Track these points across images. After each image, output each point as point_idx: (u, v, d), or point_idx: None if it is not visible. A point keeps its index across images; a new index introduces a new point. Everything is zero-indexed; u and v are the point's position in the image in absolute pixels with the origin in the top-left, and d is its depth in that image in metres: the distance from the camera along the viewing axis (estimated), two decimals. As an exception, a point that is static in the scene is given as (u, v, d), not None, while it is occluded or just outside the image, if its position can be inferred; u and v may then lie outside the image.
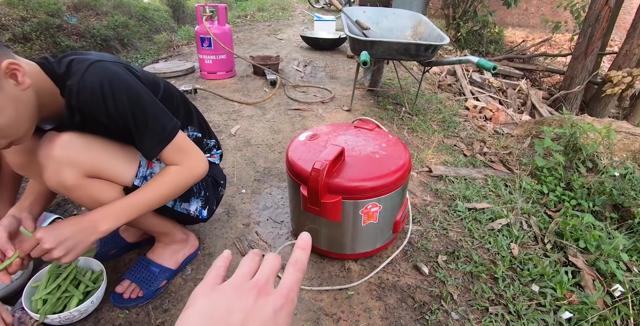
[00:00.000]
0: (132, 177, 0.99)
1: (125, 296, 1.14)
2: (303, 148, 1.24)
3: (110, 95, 0.83)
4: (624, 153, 2.19)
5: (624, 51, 4.10)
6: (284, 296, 0.34)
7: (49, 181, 0.88)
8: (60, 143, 0.87)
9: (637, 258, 1.46)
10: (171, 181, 0.96)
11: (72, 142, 0.88)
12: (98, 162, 0.93)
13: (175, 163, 0.97)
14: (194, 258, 1.30)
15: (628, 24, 4.35)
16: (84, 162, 0.90)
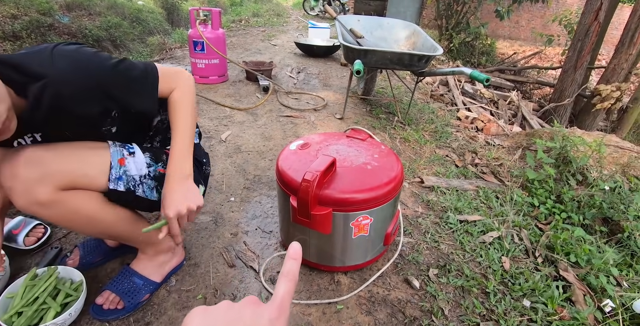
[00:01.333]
0: (106, 180, 0.92)
1: (105, 307, 1.08)
2: (294, 158, 1.21)
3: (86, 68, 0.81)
4: (613, 166, 2.21)
5: (612, 65, 4.19)
6: (278, 307, 0.34)
7: (20, 202, 0.81)
8: (25, 159, 0.80)
9: (627, 273, 1.45)
10: (185, 101, 1.01)
11: (38, 155, 0.82)
12: (70, 171, 0.86)
13: (170, 89, 1.00)
14: (179, 269, 1.26)
15: (616, 39, 4.45)
16: (56, 174, 0.83)
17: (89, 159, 0.91)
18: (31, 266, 1.25)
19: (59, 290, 1.08)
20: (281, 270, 0.37)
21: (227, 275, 1.26)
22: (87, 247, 1.27)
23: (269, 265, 1.31)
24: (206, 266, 1.29)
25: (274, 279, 1.25)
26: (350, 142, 1.34)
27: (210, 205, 1.62)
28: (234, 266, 1.30)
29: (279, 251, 1.37)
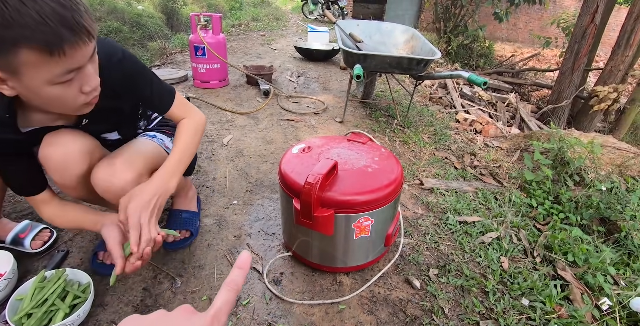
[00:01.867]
0: (166, 154, 1.21)
1: (178, 239, 1.37)
2: (296, 161, 1.24)
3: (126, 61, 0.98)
4: (609, 167, 2.24)
5: (609, 67, 4.23)
6: (212, 316, 0.34)
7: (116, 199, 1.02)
8: (122, 163, 1.03)
9: (623, 272, 1.48)
10: (190, 130, 1.15)
11: (129, 159, 1.05)
12: (148, 160, 1.13)
13: (183, 117, 1.16)
14: (200, 202, 1.59)
15: (613, 40, 4.50)
16: (143, 168, 1.09)
17: (156, 156, 1.17)
18: (38, 269, 1.27)
19: (67, 291, 1.10)
20: (226, 278, 0.37)
21: (231, 277, 1.28)
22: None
23: (272, 267, 1.34)
24: (210, 268, 1.32)
25: (277, 280, 1.28)
26: (351, 145, 1.36)
27: (213, 208, 1.64)
28: (238, 268, 1.32)
29: (282, 253, 1.40)
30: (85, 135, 1.04)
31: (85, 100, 0.83)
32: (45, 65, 0.70)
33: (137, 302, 1.17)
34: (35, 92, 0.76)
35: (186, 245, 1.40)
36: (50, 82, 0.74)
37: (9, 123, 0.89)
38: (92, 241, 1.41)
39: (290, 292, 1.23)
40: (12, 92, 0.76)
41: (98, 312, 1.13)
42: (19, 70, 0.69)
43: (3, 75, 0.71)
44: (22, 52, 0.66)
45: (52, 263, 1.28)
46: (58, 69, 0.72)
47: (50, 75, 0.72)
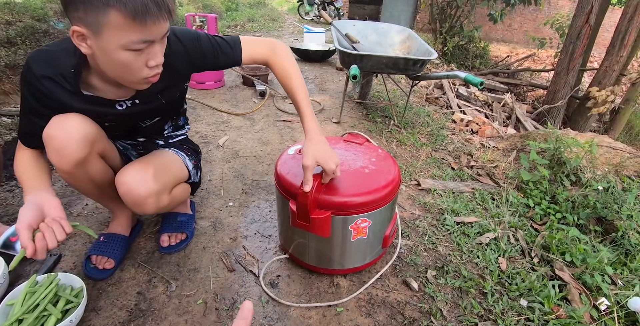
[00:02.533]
0: (187, 173, 1.30)
1: (173, 243, 1.38)
2: (292, 162, 1.23)
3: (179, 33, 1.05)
4: (606, 167, 2.24)
5: (604, 68, 4.26)
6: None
7: (150, 211, 1.11)
8: (153, 175, 1.09)
9: (621, 271, 1.48)
10: (291, 65, 1.16)
11: (150, 173, 1.09)
12: (173, 176, 1.21)
13: (264, 54, 1.15)
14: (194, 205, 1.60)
15: (607, 41, 4.52)
16: (167, 183, 1.16)
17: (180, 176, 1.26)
18: (30, 273, 1.25)
19: (60, 296, 1.08)
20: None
21: (227, 280, 1.27)
22: (108, 247, 1.29)
23: (268, 269, 1.32)
24: (206, 271, 1.30)
25: (273, 283, 1.26)
26: (348, 146, 1.35)
27: (209, 210, 1.63)
28: (234, 271, 1.31)
29: (278, 255, 1.38)
30: (92, 124, 1.03)
31: (148, 74, 0.89)
32: (126, 30, 0.77)
33: (131, 306, 1.15)
34: (108, 54, 0.82)
35: (181, 248, 1.38)
36: (124, 47, 0.80)
37: (72, 79, 0.93)
38: (85, 244, 1.39)
39: (287, 295, 1.22)
40: (89, 51, 0.83)
41: (91, 317, 1.11)
42: (102, 29, 0.77)
43: (86, 32, 0.78)
44: (111, 12, 0.74)
45: (44, 268, 1.25)
46: (134, 36, 0.79)
47: (126, 40, 0.79)
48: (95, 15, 0.75)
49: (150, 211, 1.12)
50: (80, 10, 0.75)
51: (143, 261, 1.32)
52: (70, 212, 1.57)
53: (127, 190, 1.06)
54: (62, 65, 0.92)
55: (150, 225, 1.51)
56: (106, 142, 1.13)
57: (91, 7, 0.74)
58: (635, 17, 4.01)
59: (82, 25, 0.77)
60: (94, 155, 1.06)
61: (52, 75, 0.93)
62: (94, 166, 1.08)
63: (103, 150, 1.11)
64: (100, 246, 1.28)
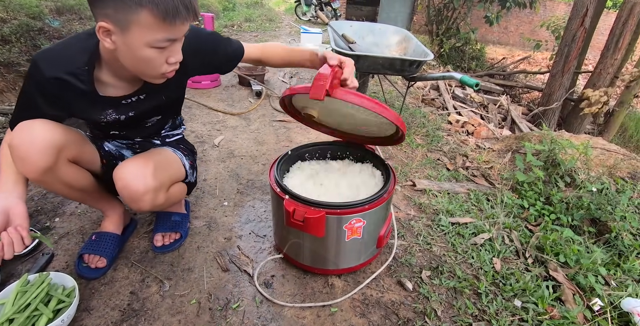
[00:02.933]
0: (184, 172, 1.31)
1: (167, 243, 1.36)
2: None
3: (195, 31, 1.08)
4: (600, 168, 2.26)
5: (598, 70, 4.29)
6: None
7: (146, 208, 1.11)
8: (152, 173, 1.09)
9: (614, 272, 1.48)
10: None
11: (149, 170, 1.09)
12: (171, 175, 1.21)
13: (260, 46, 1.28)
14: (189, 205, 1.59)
15: (602, 43, 4.56)
16: (165, 181, 1.17)
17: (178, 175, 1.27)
18: (22, 272, 1.24)
19: (51, 296, 1.07)
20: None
21: (221, 280, 1.26)
22: (100, 246, 1.27)
23: (262, 269, 1.32)
24: (200, 270, 1.29)
25: (268, 283, 1.26)
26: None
27: (203, 210, 1.62)
28: (228, 271, 1.30)
29: (273, 255, 1.38)
30: (61, 130, 1.00)
31: (166, 70, 0.94)
32: (154, 29, 0.83)
33: (124, 306, 1.14)
34: (133, 50, 0.86)
35: (175, 247, 1.37)
36: (149, 45, 0.86)
37: (85, 76, 0.97)
38: (78, 243, 1.38)
39: (282, 295, 1.21)
40: (112, 46, 0.86)
41: (83, 317, 1.10)
42: (130, 27, 0.82)
43: (113, 28, 0.82)
44: (142, 12, 0.79)
45: (36, 267, 1.24)
46: (161, 35, 0.85)
47: (153, 38, 0.85)
48: (125, 13, 0.80)
49: (146, 208, 1.11)
50: (110, 7, 0.79)
51: (136, 260, 1.31)
52: (63, 211, 1.55)
53: (125, 184, 1.06)
54: (73, 63, 0.95)
55: (144, 225, 1.50)
56: (80, 147, 1.10)
57: (122, 5, 0.78)
58: (629, 21, 4.04)
59: (110, 21, 0.81)
60: (63, 162, 1.04)
61: (62, 75, 0.94)
62: (65, 172, 1.06)
63: (75, 156, 1.08)
64: (92, 245, 1.27)
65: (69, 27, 6.66)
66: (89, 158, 1.17)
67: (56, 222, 1.49)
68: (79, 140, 1.10)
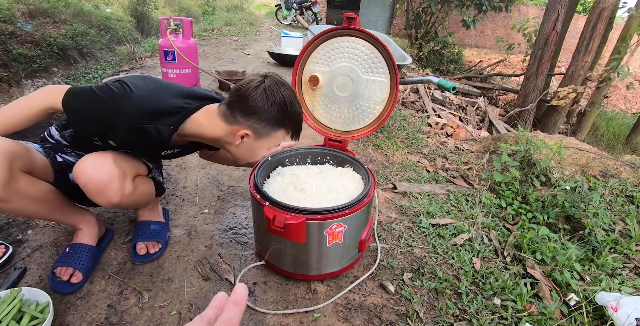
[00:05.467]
0: (145, 166, 1.30)
1: (152, 251, 1.36)
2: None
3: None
4: (573, 167, 2.34)
5: (570, 72, 4.44)
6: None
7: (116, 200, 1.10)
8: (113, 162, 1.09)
9: (589, 267, 1.53)
10: None
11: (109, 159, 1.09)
12: (131, 165, 1.18)
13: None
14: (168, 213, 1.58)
15: (573, 46, 4.73)
16: (127, 170, 1.14)
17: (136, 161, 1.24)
18: (-8, 288, 1.19)
19: (24, 312, 1.03)
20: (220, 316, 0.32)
21: (202, 289, 1.24)
22: (74, 258, 1.23)
23: (244, 277, 1.30)
24: (180, 280, 1.27)
25: (250, 291, 1.25)
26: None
27: (183, 218, 1.59)
28: (209, 280, 1.28)
29: (255, 262, 1.37)
30: (7, 140, 0.98)
31: (265, 155, 1.27)
32: (279, 140, 1.16)
33: (101, 320, 1.11)
34: (255, 150, 1.16)
35: (155, 257, 1.35)
36: (267, 148, 1.18)
37: (167, 135, 1.08)
38: (52, 257, 1.33)
39: (264, 302, 1.20)
40: (238, 143, 1.12)
41: (58, 333, 1.06)
42: (265, 137, 1.12)
43: (252, 135, 1.10)
44: (279, 130, 1.12)
45: (7, 282, 1.20)
46: (278, 142, 1.18)
47: (273, 144, 1.18)
48: (267, 130, 1.10)
49: (115, 199, 1.07)
50: (262, 125, 1.08)
51: (114, 272, 1.28)
52: (36, 223, 1.50)
53: (88, 178, 1.03)
54: (163, 122, 1.06)
55: (122, 235, 1.46)
56: (28, 156, 1.06)
57: (269, 125, 1.08)
58: (598, 25, 4.21)
59: (252, 131, 1.09)
60: (18, 172, 1.00)
61: (148, 127, 1.04)
62: (23, 183, 1.02)
63: (27, 165, 1.05)
64: (65, 257, 1.23)
65: (42, 30, 6.48)
66: (41, 168, 1.12)
67: (29, 234, 1.44)
68: (24, 150, 1.05)
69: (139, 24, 9.73)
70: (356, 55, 1.34)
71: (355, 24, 1.30)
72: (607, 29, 4.54)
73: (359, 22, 1.31)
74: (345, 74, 1.38)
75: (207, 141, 1.18)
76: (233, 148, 1.14)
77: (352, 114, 1.43)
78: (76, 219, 1.27)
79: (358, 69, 1.35)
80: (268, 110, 1.05)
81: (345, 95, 1.40)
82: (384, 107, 1.37)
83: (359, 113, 1.42)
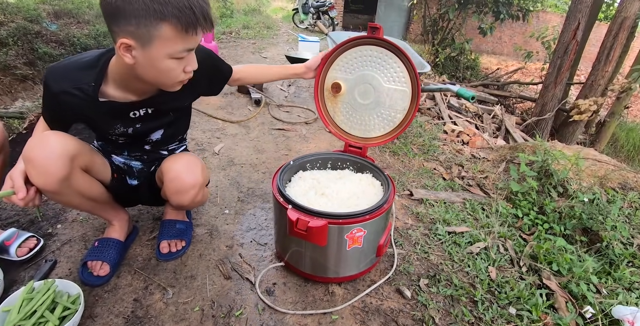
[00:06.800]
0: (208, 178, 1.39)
1: (173, 250, 1.39)
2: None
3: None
4: (591, 179, 2.32)
5: (590, 82, 4.39)
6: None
7: (186, 202, 1.20)
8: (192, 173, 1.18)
9: (605, 280, 1.53)
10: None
11: (199, 167, 1.21)
12: (206, 176, 1.27)
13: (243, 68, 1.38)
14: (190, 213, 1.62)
15: (593, 55, 4.66)
16: (205, 181, 1.25)
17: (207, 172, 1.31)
18: (25, 279, 1.25)
19: (57, 303, 1.09)
20: None
21: (223, 287, 1.28)
22: (102, 252, 1.29)
23: (264, 277, 1.34)
24: (202, 278, 1.31)
25: (269, 290, 1.28)
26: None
27: (205, 218, 1.64)
28: (230, 278, 1.32)
29: (274, 263, 1.40)
30: (72, 139, 1.07)
31: (183, 78, 0.99)
32: (175, 41, 0.87)
33: (127, 313, 1.16)
34: (153, 62, 0.90)
35: (179, 255, 1.39)
36: (170, 56, 0.90)
37: (91, 92, 1.01)
38: (81, 250, 1.39)
39: (283, 303, 1.24)
40: (131, 61, 0.90)
41: (88, 324, 1.11)
42: (152, 41, 0.86)
43: (134, 44, 0.86)
44: (164, 26, 0.83)
45: (39, 273, 1.26)
46: (181, 46, 0.89)
47: (174, 50, 0.89)
48: (147, 29, 0.83)
49: (186, 201, 1.19)
50: (133, 24, 0.83)
51: (139, 268, 1.33)
52: (65, 218, 1.57)
53: (176, 176, 1.15)
54: (80, 79, 1.00)
55: (147, 232, 1.52)
56: (90, 156, 1.16)
57: (145, 21, 0.82)
58: (620, 34, 4.16)
59: (132, 38, 0.85)
60: (77, 170, 1.08)
61: (69, 89, 0.99)
62: (78, 181, 1.09)
63: (87, 164, 1.13)
64: (95, 251, 1.29)
65: (66, 30, 6.67)
66: (99, 168, 1.21)
67: (58, 228, 1.50)
68: (88, 150, 1.14)
69: (159, 26, 9.90)
70: (379, 64, 1.37)
71: (379, 33, 1.33)
72: (629, 38, 4.47)
73: (382, 32, 1.35)
74: (367, 82, 1.41)
75: (137, 82, 1.01)
76: (138, 69, 0.93)
77: (373, 122, 1.46)
78: (112, 215, 1.35)
79: (380, 77, 1.38)
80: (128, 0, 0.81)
81: (367, 103, 1.43)
82: (405, 115, 1.39)
83: (379, 121, 1.44)
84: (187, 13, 0.83)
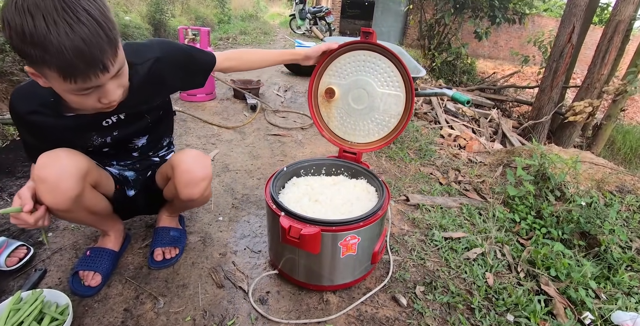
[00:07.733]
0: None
1: (167, 257, 1.37)
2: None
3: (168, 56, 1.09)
4: (588, 182, 2.31)
5: (586, 85, 4.41)
6: None
7: (196, 195, 1.18)
8: (203, 166, 1.17)
9: (604, 285, 1.51)
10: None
11: (208, 161, 1.21)
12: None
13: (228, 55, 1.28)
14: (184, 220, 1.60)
15: (589, 58, 4.69)
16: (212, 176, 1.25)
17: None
18: (14, 288, 1.22)
19: (44, 314, 1.06)
20: None
21: (216, 296, 1.26)
22: (95, 262, 1.27)
23: (257, 285, 1.32)
24: (195, 287, 1.29)
25: (263, 299, 1.26)
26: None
27: (198, 225, 1.62)
28: (223, 287, 1.30)
29: (268, 271, 1.38)
30: (82, 157, 1.05)
31: (103, 107, 0.90)
32: (66, 84, 0.77)
33: (117, 324, 1.13)
34: (61, 93, 0.84)
35: (172, 263, 1.37)
36: (70, 92, 0.82)
37: (53, 107, 0.97)
38: (72, 259, 1.37)
39: (277, 311, 1.21)
40: (46, 85, 0.83)
41: (76, 335, 1.09)
42: (47, 78, 0.79)
43: (37, 74, 0.79)
44: (45, 69, 0.75)
45: (28, 283, 1.23)
46: (74, 87, 0.79)
47: (68, 88, 0.80)
48: (36, 67, 0.77)
49: (196, 195, 1.17)
50: (27, 59, 0.75)
51: (130, 277, 1.31)
52: (56, 226, 1.54)
53: (187, 168, 1.14)
54: (41, 97, 0.96)
55: (139, 240, 1.50)
56: (97, 171, 1.14)
57: (31, 61, 0.75)
58: (614, 37, 4.18)
59: (33, 68, 0.78)
60: (88, 187, 1.07)
61: (35, 108, 0.97)
62: (89, 198, 1.08)
63: (95, 180, 1.12)
64: (87, 261, 1.27)
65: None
66: (105, 182, 1.20)
67: (49, 237, 1.48)
68: (95, 165, 1.12)
69: (156, 32, 9.94)
70: (372, 68, 1.36)
71: (372, 38, 1.33)
72: (624, 41, 4.50)
73: (375, 37, 1.34)
74: (361, 87, 1.40)
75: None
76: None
77: (367, 127, 1.45)
78: (109, 226, 1.34)
79: (374, 82, 1.38)
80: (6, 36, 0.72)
81: (361, 108, 1.43)
82: (399, 120, 1.38)
83: (374, 126, 1.43)
84: (59, 58, 0.71)
